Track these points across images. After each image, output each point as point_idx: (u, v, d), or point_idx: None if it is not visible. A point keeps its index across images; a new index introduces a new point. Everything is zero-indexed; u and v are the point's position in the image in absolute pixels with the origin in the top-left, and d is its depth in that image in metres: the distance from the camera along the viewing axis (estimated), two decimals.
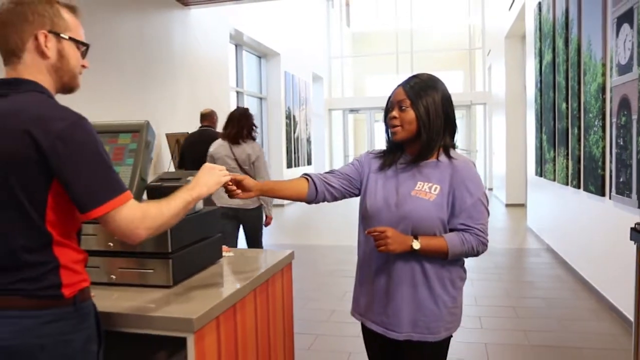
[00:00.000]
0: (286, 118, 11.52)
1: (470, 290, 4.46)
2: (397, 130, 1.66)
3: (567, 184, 5.18)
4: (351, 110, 16.31)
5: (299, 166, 12.33)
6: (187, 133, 5.92)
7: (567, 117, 5.15)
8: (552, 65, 5.76)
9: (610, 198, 3.88)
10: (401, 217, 1.63)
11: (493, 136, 12.41)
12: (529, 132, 7.66)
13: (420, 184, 1.65)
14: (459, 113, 14.29)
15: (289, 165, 11.64)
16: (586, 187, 4.51)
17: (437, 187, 1.64)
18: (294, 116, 12.07)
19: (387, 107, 1.71)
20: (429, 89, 1.64)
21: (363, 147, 16.68)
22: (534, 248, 6.35)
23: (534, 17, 6.93)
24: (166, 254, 1.65)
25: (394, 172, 1.72)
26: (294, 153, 12.14)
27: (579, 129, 4.73)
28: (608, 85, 3.92)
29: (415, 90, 1.64)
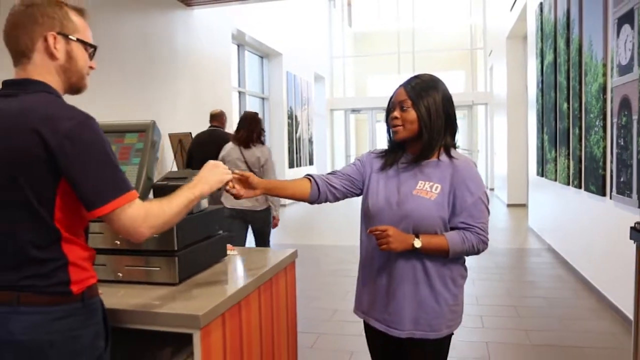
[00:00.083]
0: (288, 118, 11.53)
1: (472, 290, 4.48)
2: (398, 130, 1.68)
3: (568, 184, 5.19)
4: (353, 110, 16.29)
5: (300, 166, 12.33)
6: (190, 133, 5.94)
7: (568, 117, 5.16)
8: (554, 66, 5.77)
9: (611, 198, 3.89)
10: (402, 216, 1.65)
11: (494, 136, 12.41)
12: (530, 132, 7.67)
13: (422, 183, 1.67)
14: (461, 113, 14.29)
15: (291, 165, 11.65)
16: (587, 187, 4.52)
17: (438, 186, 1.65)
18: (295, 116, 12.08)
19: (388, 107, 1.73)
20: (430, 89, 1.66)
21: (365, 147, 16.67)
22: (535, 248, 6.36)
23: (535, 17, 6.94)
24: (172, 252, 1.67)
25: (396, 172, 1.74)
26: (296, 153, 12.15)
27: (580, 129, 4.74)
28: (609, 85, 3.94)
29: (416, 90, 1.66)
